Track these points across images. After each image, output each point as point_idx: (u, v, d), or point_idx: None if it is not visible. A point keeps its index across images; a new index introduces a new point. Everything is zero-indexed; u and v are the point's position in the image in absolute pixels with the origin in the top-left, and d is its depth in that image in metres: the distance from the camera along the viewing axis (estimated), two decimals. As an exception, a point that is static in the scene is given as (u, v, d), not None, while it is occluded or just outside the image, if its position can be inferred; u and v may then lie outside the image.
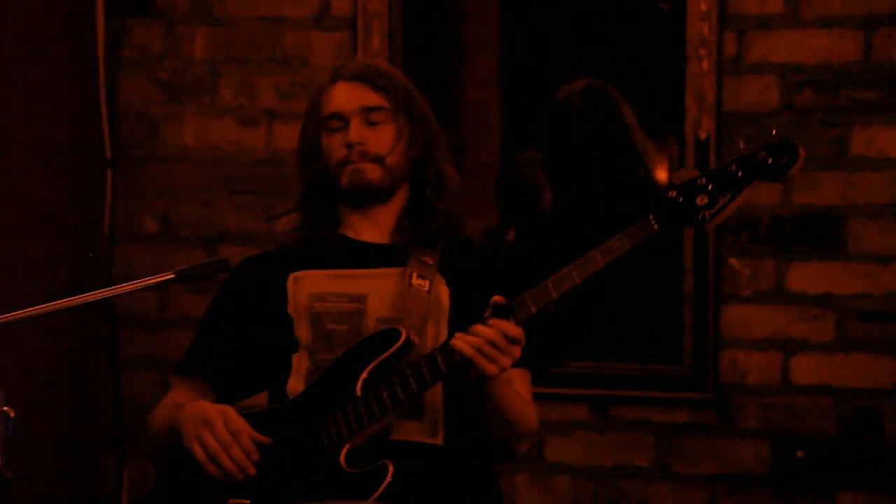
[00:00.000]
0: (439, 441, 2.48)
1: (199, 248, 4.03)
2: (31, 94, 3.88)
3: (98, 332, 4.01)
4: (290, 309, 2.55)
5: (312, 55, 4.02)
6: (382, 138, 2.58)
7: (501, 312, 2.38)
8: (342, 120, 2.59)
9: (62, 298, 2.27)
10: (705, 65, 3.76)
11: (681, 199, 2.41)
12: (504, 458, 2.63)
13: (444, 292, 2.54)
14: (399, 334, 2.43)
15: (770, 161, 2.41)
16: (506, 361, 2.36)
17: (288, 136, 4.00)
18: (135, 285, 2.32)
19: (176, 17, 4.10)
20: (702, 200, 2.41)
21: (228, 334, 2.61)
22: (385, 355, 2.43)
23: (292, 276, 2.58)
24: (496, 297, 2.39)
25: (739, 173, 2.42)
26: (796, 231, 3.70)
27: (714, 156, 3.72)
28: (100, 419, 4.03)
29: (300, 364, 2.53)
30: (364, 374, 2.43)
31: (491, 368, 2.36)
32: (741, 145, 2.45)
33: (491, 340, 2.35)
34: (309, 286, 2.56)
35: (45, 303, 2.23)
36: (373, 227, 2.62)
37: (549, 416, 3.73)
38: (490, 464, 2.60)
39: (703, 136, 3.75)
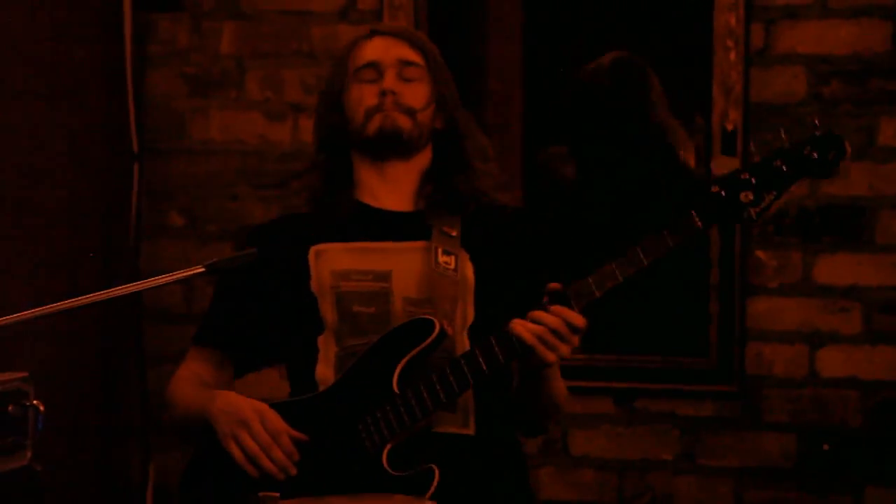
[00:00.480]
0: (471, 431, 2.47)
1: (225, 243, 4.03)
2: (59, 89, 3.89)
3: (125, 327, 4.02)
4: (314, 286, 2.50)
5: (339, 49, 4.00)
6: (417, 93, 2.55)
7: (558, 299, 2.34)
8: (377, 71, 2.54)
9: (89, 293, 2.26)
10: (732, 56, 3.75)
11: (724, 195, 2.33)
12: (535, 433, 2.65)
13: (469, 269, 2.50)
14: (433, 325, 2.40)
15: (816, 156, 2.33)
16: (566, 350, 2.33)
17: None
18: (165, 279, 2.29)
19: (202, 11, 4.11)
20: (746, 197, 2.33)
21: (248, 307, 2.55)
22: (419, 349, 2.40)
23: (313, 249, 2.52)
24: (553, 285, 2.35)
25: (784, 168, 2.33)
26: (823, 222, 3.68)
27: (741, 147, 3.71)
28: (126, 413, 4.04)
29: (327, 349, 2.48)
30: (399, 369, 2.40)
31: (550, 357, 2.33)
32: (783, 136, 2.37)
33: (553, 328, 2.32)
34: (331, 262, 2.51)
35: (72, 297, 2.23)
36: (392, 192, 2.57)
37: (574, 408, 3.72)
38: (520, 452, 2.59)
39: (730, 127, 3.74)
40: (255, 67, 4.09)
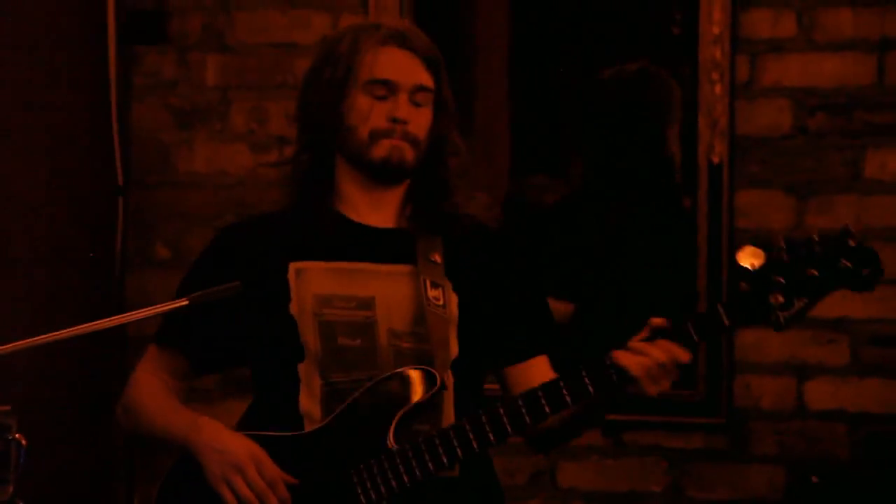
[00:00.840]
0: (456, 474, 2.43)
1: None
2: (44, 122, 3.88)
3: (110, 359, 4.00)
4: (294, 309, 2.42)
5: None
6: (422, 121, 2.45)
7: (661, 334, 2.32)
8: (389, 90, 2.43)
9: (74, 326, 2.24)
10: (718, 89, 3.75)
11: (754, 294, 2.28)
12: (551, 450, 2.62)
13: (453, 301, 2.46)
14: (433, 379, 2.36)
15: (851, 268, 2.25)
16: (666, 385, 2.32)
17: (299, 161, 3.99)
18: (147, 312, 2.27)
19: (188, 44, 4.11)
20: (776, 299, 2.26)
21: (218, 315, 2.42)
22: (418, 403, 2.37)
23: (293, 266, 2.44)
24: (657, 320, 2.33)
25: (817, 276, 2.26)
26: (810, 255, 3.68)
27: (727, 180, 3.71)
28: (111, 445, 4.01)
29: (310, 380, 2.42)
30: (395, 421, 2.36)
31: (653, 390, 2.31)
32: (815, 238, 2.27)
33: (661, 361, 2.30)
34: (313, 284, 2.43)
35: (56, 330, 2.22)
36: (376, 208, 2.49)
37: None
38: (500, 490, 2.55)
39: (716, 160, 3.74)
40: (240, 99, 4.08)
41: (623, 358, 2.31)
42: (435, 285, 2.44)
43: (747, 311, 2.30)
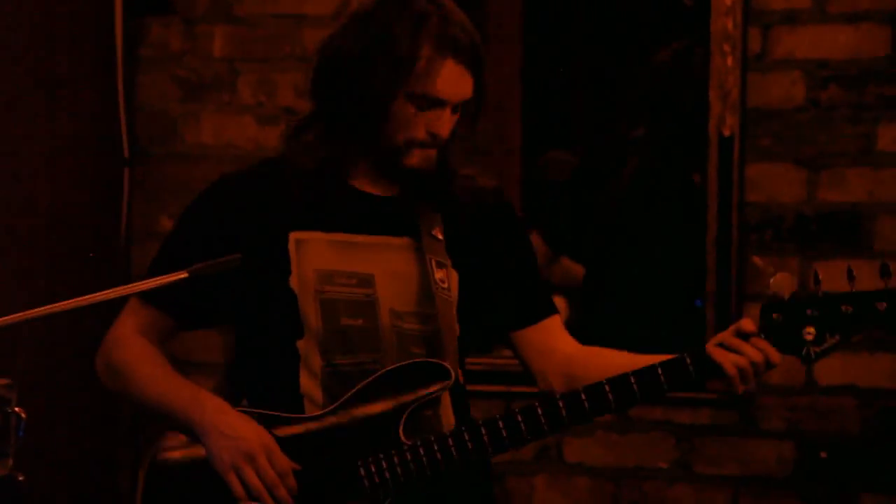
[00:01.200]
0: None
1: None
2: (50, 93, 3.87)
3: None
4: (294, 283, 2.37)
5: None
6: (452, 126, 2.40)
7: (746, 336, 2.32)
8: (437, 104, 2.35)
9: (76, 298, 2.22)
10: (730, 60, 3.71)
11: (786, 326, 2.29)
12: None
13: (454, 279, 2.43)
14: (446, 373, 2.34)
15: (885, 310, 2.25)
16: (753, 384, 2.35)
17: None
18: (147, 284, 2.23)
19: (195, 15, 4.08)
20: (808, 334, 2.29)
21: (211, 278, 2.28)
22: (428, 396, 2.34)
23: (293, 236, 2.38)
24: (746, 325, 2.33)
25: (851, 313, 2.27)
26: (821, 229, 3.65)
27: (738, 153, 3.68)
28: (115, 420, 3.99)
29: (311, 359, 2.38)
30: (405, 414, 2.33)
31: (741, 388, 2.33)
32: (852, 275, 2.27)
33: (755, 361, 2.31)
34: (314, 258, 2.38)
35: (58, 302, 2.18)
36: (382, 185, 2.43)
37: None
38: (489, 471, 2.53)
39: (726, 132, 3.71)
40: (247, 71, 4.06)
41: (718, 354, 2.31)
42: (440, 265, 2.41)
43: (778, 341, 2.31)
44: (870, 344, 3.63)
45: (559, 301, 4.37)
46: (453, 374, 2.34)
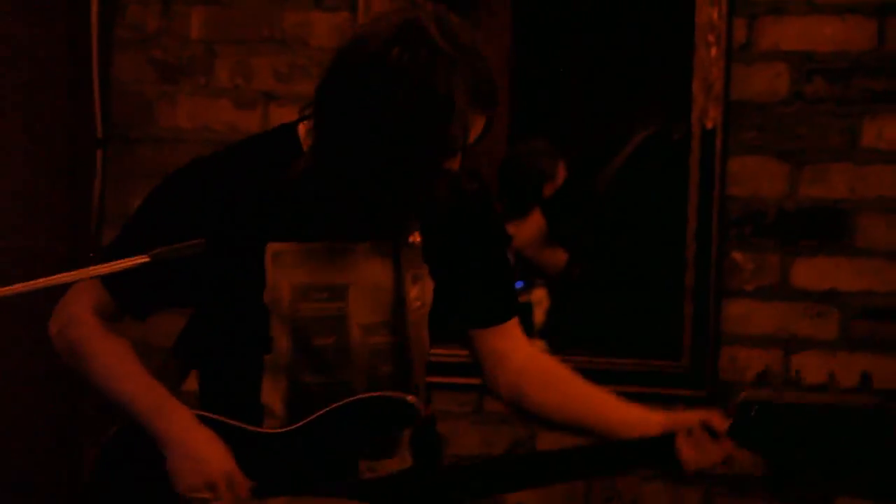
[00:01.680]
0: (409, 463, 2.40)
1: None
2: (21, 72, 3.81)
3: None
4: (267, 298, 2.30)
5: (312, 36, 3.93)
6: None
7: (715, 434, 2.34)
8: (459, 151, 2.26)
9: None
10: (714, 52, 3.65)
11: (756, 429, 2.32)
12: None
13: (429, 289, 2.39)
14: (413, 410, 2.31)
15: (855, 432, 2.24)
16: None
17: (283, 118, 3.90)
18: (108, 267, 2.15)
19: (172, -6, 4.03)
20: (778, 441, 2.30)
21: (171, 271, 2.20)
22: (390, 434, 2.34)
23: (270, 248, 2.30)
24: (716, 421, 2.34)
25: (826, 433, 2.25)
26: (802, 225, 3.61)
27: (721, 145, 3.62)
28: (80, 404, 3.92)
29: (276, 374, 2.33)
30: (366, 448, 2.31)
31: (691, 474, 2.36)
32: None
33: (716, 462, 2.36)
34: (290, 272, 2.31)
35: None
36: None
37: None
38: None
39: (709, 125, 3.66)
40: (225, 54, 4.00)
41: (685, 452, 2.34)
42: (416, 279, 2.36)
43: (747, 444, 2.34)
44: (849, 343, 3.59)
45: (540, 291, 4.35)
46: (420, 413, 2.31)
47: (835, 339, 3.59)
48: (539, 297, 4.29)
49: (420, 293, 2.36)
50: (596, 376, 3.69)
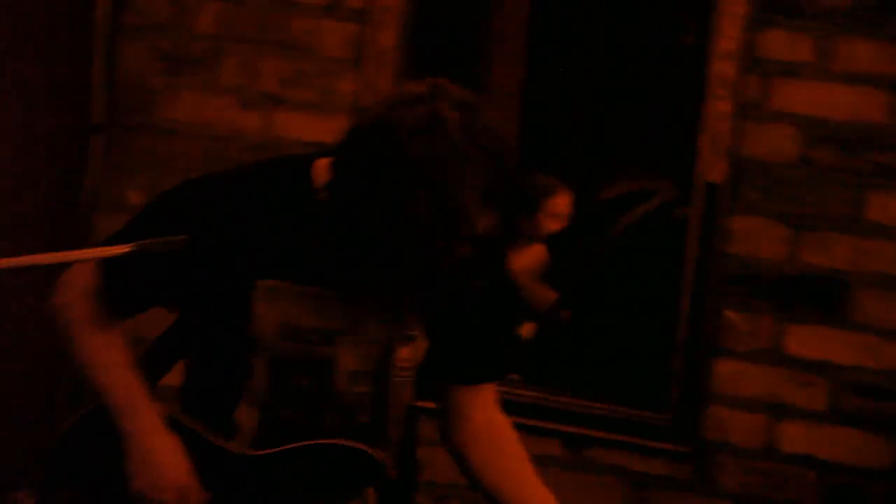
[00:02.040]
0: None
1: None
2: (22, 53, 3.74)
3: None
4: (255, 331, 2.28)
5: (320, 44, 3.89)
6: None
7: None
8: None
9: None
10: (724, 106, 3.64)
11: None
12: None
13: (421, 349, 2.35)
14: (380, 468, 2.29)
15: None
16: None
17: (287, 123, 3.88)
18: (86, 253, 2.12)
19: (184, -14, 3.98)
20: None
21: (161, 279, 2.24)
22: (354, 485, 2.30)
23: (262, 286, 2.26)
24: None
25: None
26: (800, 291, 3.60)
27: (723, 201, 3.61)
28: (61, 383, 3.90)
29: (252, 402, 2.31)
30: (327, 495, 2.29)
31: None
32: None
33: None
34: (280, 309, 2.29)
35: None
36: None
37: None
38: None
39: (713, 179, 3.64)
40: (232, 52, 3.95)
41: None
42: (408, 339, 2.33)
43: None
44: (836, 416, 3.59)
45: (539, 247, 4.34)
46: (387, 474, 2.29)
47: (822, 410, 3.60)
48: (539, 253, 4.34)
49: (412, 353, 2.34)
50: (578, 419, 3.72)
